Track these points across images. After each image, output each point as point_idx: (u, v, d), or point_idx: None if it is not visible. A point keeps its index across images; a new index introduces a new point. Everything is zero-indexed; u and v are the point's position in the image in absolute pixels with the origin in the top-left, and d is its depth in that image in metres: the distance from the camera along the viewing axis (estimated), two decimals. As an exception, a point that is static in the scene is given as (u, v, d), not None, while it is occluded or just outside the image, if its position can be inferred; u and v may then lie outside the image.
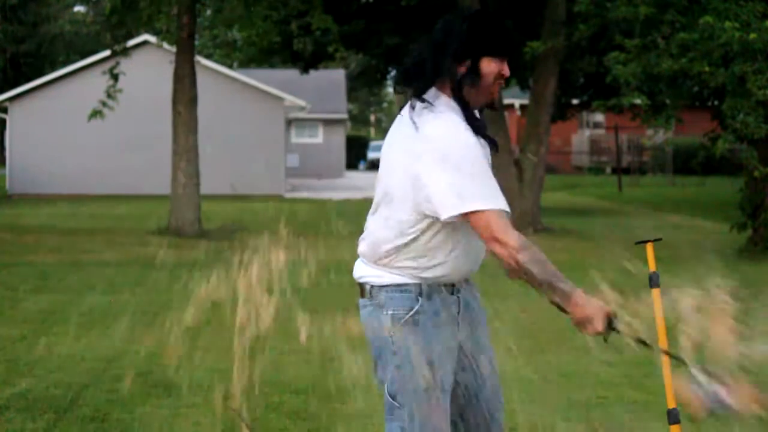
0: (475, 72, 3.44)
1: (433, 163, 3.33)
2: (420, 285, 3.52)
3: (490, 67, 3.45)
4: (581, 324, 3.28)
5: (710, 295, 3.43)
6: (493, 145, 3.56)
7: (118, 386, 6.85)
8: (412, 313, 3.49)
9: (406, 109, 3.53)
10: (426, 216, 3.43)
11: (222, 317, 9.90)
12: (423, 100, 3.45)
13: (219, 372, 7.37)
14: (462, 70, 3.44)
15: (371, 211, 3.61)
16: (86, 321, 9.48)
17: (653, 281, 4.01)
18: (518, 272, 3.34)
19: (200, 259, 14.87)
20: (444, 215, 3.35)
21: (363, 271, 3.60)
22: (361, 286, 3.60)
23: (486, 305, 3.78)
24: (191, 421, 6.03)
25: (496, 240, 3.30)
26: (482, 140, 3.49)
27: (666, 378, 3.95)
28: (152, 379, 7.05)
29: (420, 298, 3.52)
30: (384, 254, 3.52)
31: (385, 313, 3.51)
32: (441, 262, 3.53)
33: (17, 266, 13.57)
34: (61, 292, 11.29)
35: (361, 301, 3.61)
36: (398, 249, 3.51)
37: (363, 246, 3.61)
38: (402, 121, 3.52)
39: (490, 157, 3.58)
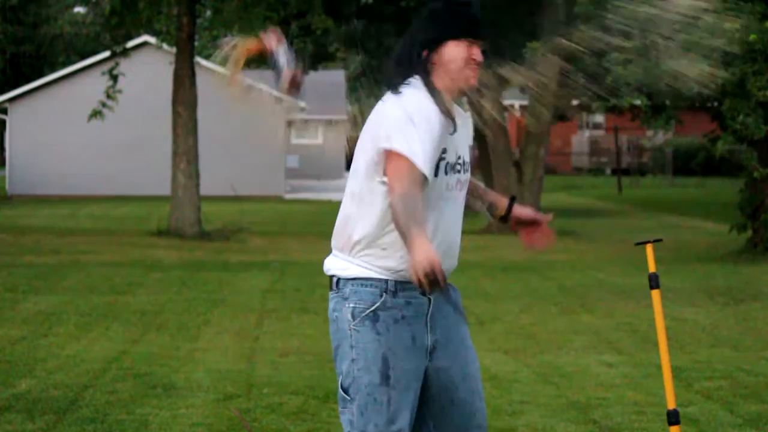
0: (440, 57, 3.43)
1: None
2: None
3: (456, 51, 3.43)
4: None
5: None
6: (454, 124, 3.46)
7: (117, 387, 6.84)
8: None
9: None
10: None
11: (221, 318, 9.91)
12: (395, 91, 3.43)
13: (219, 372, 7.37)
14: (430, 56, 3.44)
15: None
16: (86, 322, 9.47)
17: (653, 282, 4.01)
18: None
19: (200, 260, 14.87)
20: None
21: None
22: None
23: (486, 306, 3.78)
24: (191, 422, 6.02)
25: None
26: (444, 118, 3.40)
27: (666, 378, 3.95)
28: (152, 380, 7.04)
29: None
30: None
31: None
32: None
33: (17, 267, 13.56)
34: (61, 293, 11.28)
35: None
36: None
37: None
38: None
39: (451, 132, 3.45)
